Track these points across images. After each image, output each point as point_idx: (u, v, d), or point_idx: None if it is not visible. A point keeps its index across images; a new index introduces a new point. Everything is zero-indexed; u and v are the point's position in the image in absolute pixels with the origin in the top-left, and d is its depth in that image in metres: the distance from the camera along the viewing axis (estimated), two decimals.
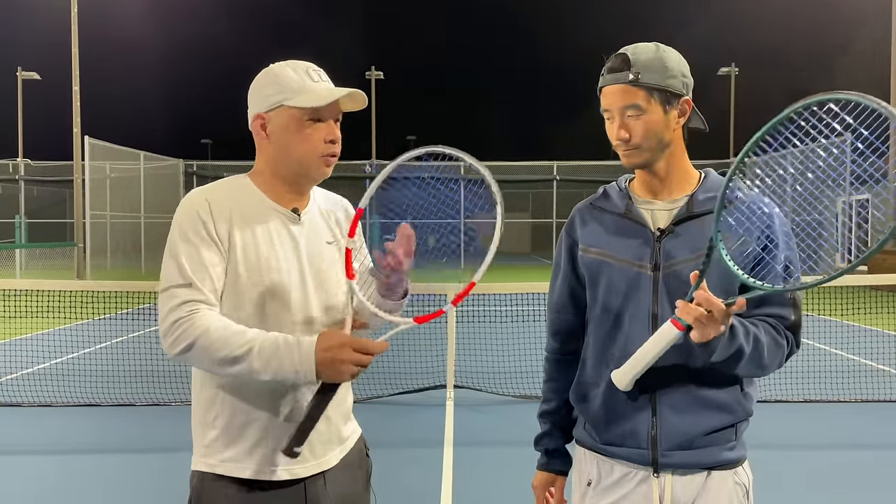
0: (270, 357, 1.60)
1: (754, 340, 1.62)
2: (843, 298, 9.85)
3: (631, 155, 1.73)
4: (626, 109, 1.69)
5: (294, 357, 1.60)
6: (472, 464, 4.92)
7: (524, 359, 6.70)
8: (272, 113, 1.76)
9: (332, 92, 1.75)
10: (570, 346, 1.92)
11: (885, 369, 7.77)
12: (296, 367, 1.60)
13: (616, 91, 1.70)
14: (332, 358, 1.60)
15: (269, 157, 1.80)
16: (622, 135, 1.71)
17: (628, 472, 1.76)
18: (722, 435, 1.72)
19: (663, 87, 1.69)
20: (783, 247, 1.70)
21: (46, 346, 8.56)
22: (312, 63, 1.81)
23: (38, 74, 34.20)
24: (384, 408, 6.36)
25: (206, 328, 1.61)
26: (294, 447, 1.63)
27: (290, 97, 1.73)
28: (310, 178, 1.81)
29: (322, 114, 1.75)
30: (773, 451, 5.08)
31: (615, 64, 1.71)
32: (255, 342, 1.61)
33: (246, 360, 1.60)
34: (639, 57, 1.69)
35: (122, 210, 23.53)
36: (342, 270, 1.84)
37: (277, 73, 1.77)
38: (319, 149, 1.76)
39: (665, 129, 1.71)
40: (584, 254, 1.82)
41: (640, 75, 1.67)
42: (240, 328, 1.64)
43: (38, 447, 5.38)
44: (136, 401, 6.48)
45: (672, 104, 1.71)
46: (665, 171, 1.76)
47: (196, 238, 1.69)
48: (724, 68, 34.88)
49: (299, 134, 1.75)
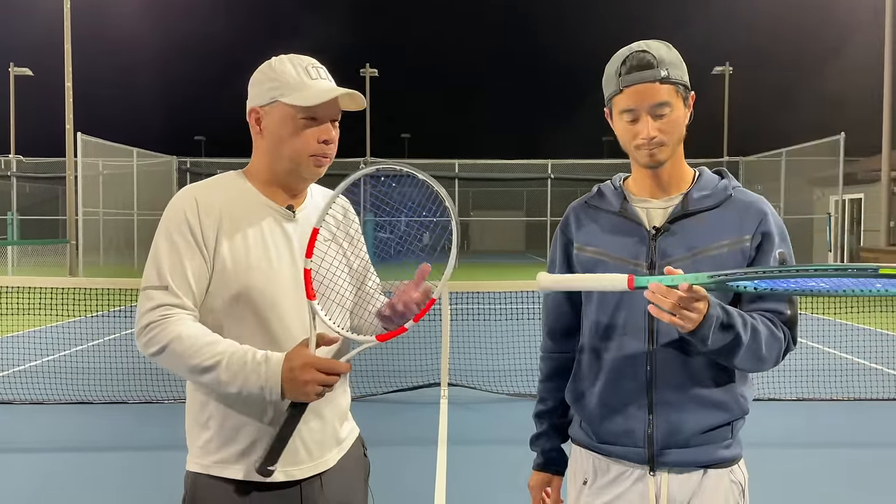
0: (238, 371, 1.58)
1: (752, 330, 1.62)
2: (836, 297, 9.87)
3: (658, 152, 1.70)
4: (657, 107, 1.67)
5: (261, 373, 1.58)
6: (466, 462, 4.91)
7: (518, 357, 6.71)
8: (267, 108, 1.73)
9: (327, 92, 1.70)
10: (565, 345, 1.91)
11: (878, 368, 7.80)
12: (261, 384, 1.58)
13: (645, 90, 1.67)
14: (295, 378, 1.57)
15: (262, 153, 1.78)
16: (653, 133, 1.68)
17: (624, 471, 1.75)
18: (718, 433, 1.72)
19: (685, 83, 1.71)
20: (778, 243, 1.70)
21: (39, 344, 8.51)
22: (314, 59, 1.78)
23: (30, 70, 34.03)
24: (378, 406, 6.35)
25: (178, 335, 1.60)
26: (267, 466, 1.61)
27: (286, 94, 1.70)
28: (301, 177, 1.77)
29: (317, 113, 1.71)
30: (766, 449, 5.09)
31: (641, 62, 1.67)
32: (223, 355, 1.59)
33: (214, 371, 1.59)
34: (661, 54, 1.68)
35: (115, 207, 23.42)
36: (342, 267, 1.82)
37: (276, 68, 1.74)
38: (311, 148, 1.72)
39: (684, 125, 1.74)
40: (580, 252, 1.82)
41: (670, 71, 1.67)
42: (212, 339, 1.62)
43: (31, 445, 5.35)
44: (128, 398, 6.46)
45: (688, 100, 1.73)
46: (668, 170, 1.76)
47: (180, 240, 1.67)
48: (718, 67, 34.96)
49: (292, 131, 1.71)
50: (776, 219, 1.74)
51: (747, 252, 1.69)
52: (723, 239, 1.69)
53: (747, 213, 1.71)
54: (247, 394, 1.60)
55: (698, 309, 1.50)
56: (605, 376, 1.76)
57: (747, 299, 1.71)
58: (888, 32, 19.96)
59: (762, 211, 1.72)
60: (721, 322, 1.55)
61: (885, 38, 20.04)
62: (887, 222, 19.83)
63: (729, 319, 1.58)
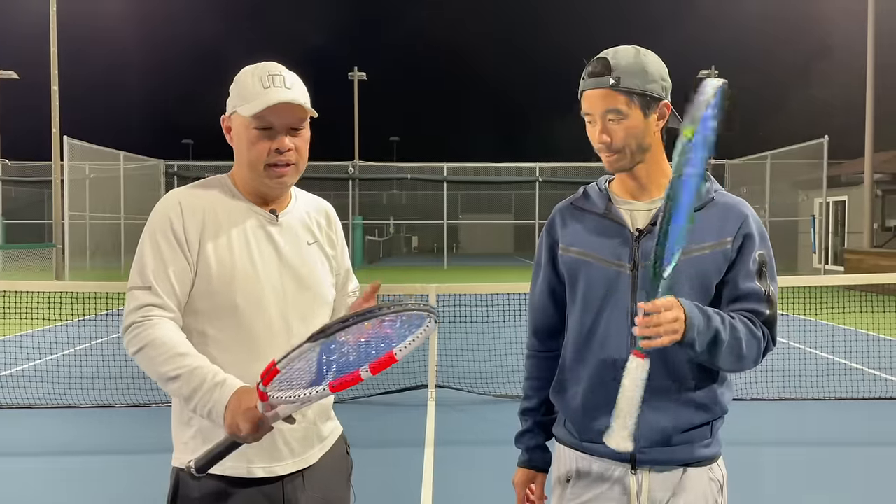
0: (195, 390, 1.59)
1: (731, 328, 1.65)
2: (819, 298, 9.98)
3: (614, 160, 1.76)
4: (608, 114, 1.72)
5: (212, 397, 1.57)
6: (454, 463, 4.94)
7: (506, 359, 6.74)
8: (233, 117, 1.79)
9: (269, 101, 1.69)
10: (550, 345, 1.94)
11: (858, 367, 7.90)
12: (209, 409, 1.57)
13: (597, 95, 1.72)
14: (233, 418, 1.53)
15: (235, 159, 1.82)
16: (604, 139, 1.73)
17: (607, 469, 1.78)
18: (698, 432, 1.75)
19: (643, 92, 1.71)
20: (758, 244, 1.74)
21: (25, 348, 8.47)
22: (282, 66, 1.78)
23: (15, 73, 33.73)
24: (365, 407, 6.36)
25: (153, 339, 1.63)
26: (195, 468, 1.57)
27: (239, 104, 1.74)
28: (264, 184, 1.78)
29: (269, 122, 1.72)
30: (749, 447, 5.15)
31: (596, 68, 1.72)
32: (186, 370, 1.60)
33: (177, 383, 1.60)
34: (619, 61, 1.71)
35: (101, 211, 23.28)
36: (325, 270, 1.85)
37: (238, 78, 1.79)
38: (264, 158, 1.74)
39: (645, 133, 1.74)
40: (564, 253, 1.85)
41: (621, 80, 1.69)
42: (184, 350, 1.63)
43: (16, 449, 5.32)
44: (115, 402, 6.44)
45: (652, 108, 1.73)
46: (645, 174, 1.79)
47: (163, 242, 1.70)
48: (703, 71, 35.18)
49: (247, 142, 1.75)
50: (757, 221, 1.78)
51: (728, 254, 1.73)
52: (705, 241, 1.72)
53: (729, 216, 1.74)
54: (200, 414, 1.60)
55: (673, 317, 1.55)
56: (588, 376, 1.79)
57: (726, 300, 1.75)
58: (870, 38, 20.17)
59: (743, 214, 1.76)
60: (702, 322, 1.59)
61: (868, 44, 20.25)
62: (870, 224, 20.02)
63: (708, 318, 1.62)
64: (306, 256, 1.83)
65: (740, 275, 1.73)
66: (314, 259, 1.85)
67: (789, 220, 24.04)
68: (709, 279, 1.73)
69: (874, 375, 7.57)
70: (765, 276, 1.74)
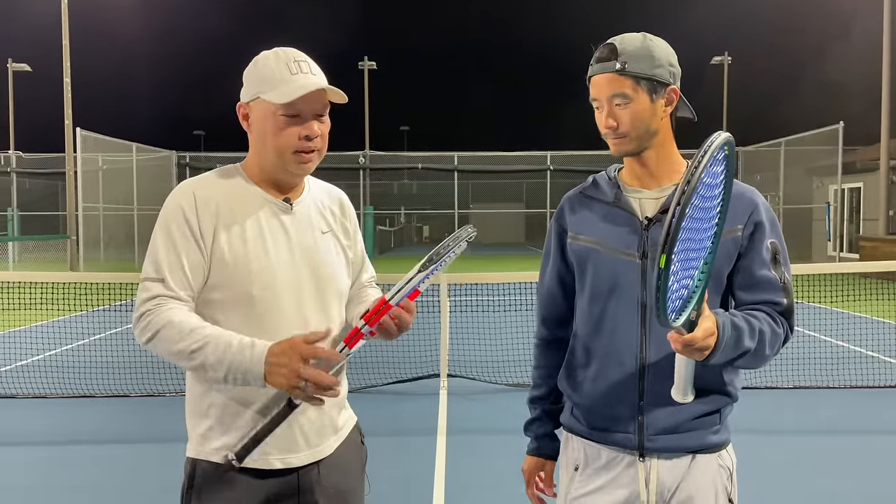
0: (223, 354, 1.58)
1: (759, 334, 1.64)
2: (834, 286, 9.91)
3: (619, 143, 1.76)
4: (614, 98, 1.72)
5: (245, 356, 1.58)
6: (465, 452, 4.96)
7: (517, 348, 6.74)
8: (253, 103, 1.76)
9: (304, 87, 1.69)
10: (558, 333, 1.94)
11: (874, 356, 7.84)
12: (246, 367, 1.58)
13: (604, 80, 1.72)
14: (275, 363, 1.55)
15: (252, 148, 1.80)
16: (610, 123, 1.73)
17: (615, 457, 1.78)
18: (707, 420, 1.75)
19: (650, 77, 1.70)
20: (769, 232, 1.73)
21: (40, 339, 8.56)
22: (302, 52, 1.78)
23: (29, 66, 33.94)
24: (378, 397, 6.39)
25: (170, 321, 1.62)
26: (243, 455, 1.62)
27: (265, 90, 1.71)
28: (287, 172, 1.78)
29: (299, 108, 1.71)
30: (764, 436, 5.14)
31: (603, 54, 1.73)
32: (210, 338, 1.60)
33: (201, 354, 1.60)
34: (626, 47, 1.71)
35: (115, 202, 23.40)
36: (339, 259, 1.85)
37: (259, 63, 1.76)
38: (293, 144, 1.73)
39: (652, 118, 1.73)
40: (573, 242, 1.84)
41: (627, 65, 1.69)
42: (201, 324, 1.64)
43: (33, 439, 5.39)
44: (130, 392, 6.50)
45: (659, 93, 1.73)
46: (654, 160, 1.78)
47: (177, 233, 1.69)
48: (717, 57, 34.85)
49: (274, 128, 1.72)
50: (767, 209, 1.77)
51: (739, 241, 1.72)
52: None
53: (739, 204, 1.72)
54: (233, 378, 1.60)
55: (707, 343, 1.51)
56: (596, 364, 1.79)
57: (739, 288, 1.74)
58: (886, 22, 19.89)
59: (753, 201, 1.75)
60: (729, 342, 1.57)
61: (884, 28, 19.97)
62: (886, 211, 19.81)
63: (738, 335, 1.60)
64: (321, 245, 1.83)
65: (755, 262, 1.72)
66: (329, 247, 1.84)
67: (804, 208, 23.82)
68: (720, 268, 1.71)
69: (890, 363, 7.52)
70: (779, 264, 1.73)
